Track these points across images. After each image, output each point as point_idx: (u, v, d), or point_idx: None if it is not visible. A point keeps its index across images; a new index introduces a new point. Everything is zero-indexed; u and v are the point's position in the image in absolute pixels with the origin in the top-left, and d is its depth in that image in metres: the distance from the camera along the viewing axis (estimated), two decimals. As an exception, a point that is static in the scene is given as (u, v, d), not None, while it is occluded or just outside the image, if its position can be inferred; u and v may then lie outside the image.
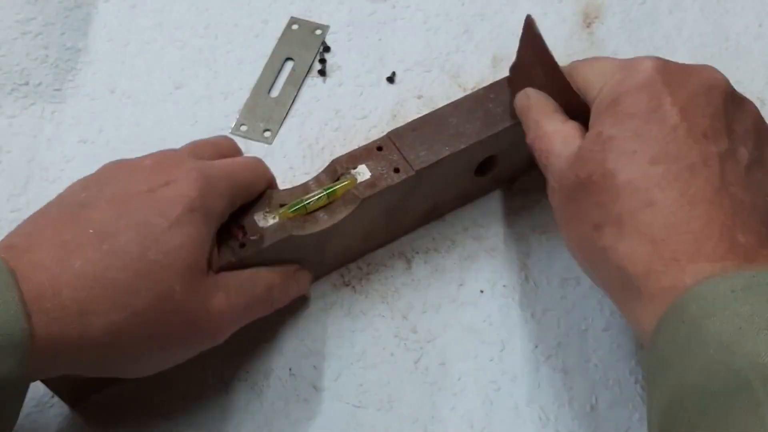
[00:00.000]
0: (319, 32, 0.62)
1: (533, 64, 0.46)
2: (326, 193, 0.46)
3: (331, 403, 0.47)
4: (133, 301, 0.38)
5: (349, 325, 0.49)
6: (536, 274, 0.51)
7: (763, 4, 0.63)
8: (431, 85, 0.60)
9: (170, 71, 0.60)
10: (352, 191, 0.46)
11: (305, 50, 0.61)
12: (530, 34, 0.46)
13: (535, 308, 0.50)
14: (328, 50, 0.61)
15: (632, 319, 0.38)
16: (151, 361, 0.41)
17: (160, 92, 0.59)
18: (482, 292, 0.51)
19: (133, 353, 0.40)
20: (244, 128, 0.58)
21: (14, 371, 0.35)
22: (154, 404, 0.46)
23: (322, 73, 0.60)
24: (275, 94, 0.59)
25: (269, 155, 0.56)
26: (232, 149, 0.48)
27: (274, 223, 0.45)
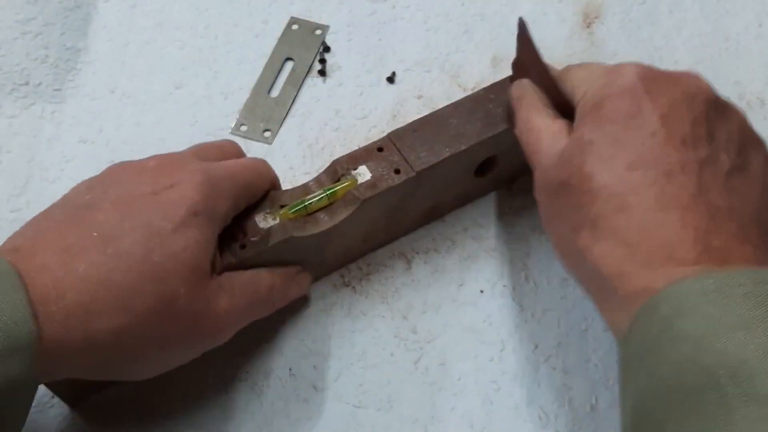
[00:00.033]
0: (319, 32, 0.62)
1: (527, 65, 0.47)
2: (327, 194, 0.46)
3: (331, 403, 0.47)
4: (137, 303, 0.38)
5: (349, 325, 0.49)
6: (536, 274, 0.51)
7: (763, 4, 0.63)
8: (431, 85, 0.60)
9: (170, 71, 0.60)
10: (352, 192, 0.46)
11: (305, 50, 0.61)
12: (523, 36, 0.46)
13: (535, 308, 0.50)
14: (328, 50, 0.61)
15: (609, 318, 0.39)
16: (154, 363, 0.41)
17: (160, 92, 0.59)
18: (482, 292, 0.51)
19: (137, 356, 0.40)
20: (244, 128, 0.58)
21: (23, 373, 0.35)
22: (154, 404, 0.46)
23: (322, 73, 0.60)
24: (275, 94, 0.59)
25: (269, 155, 0.56)
26: (235, 152, 0.48)
27: (274, 224, 0.45)
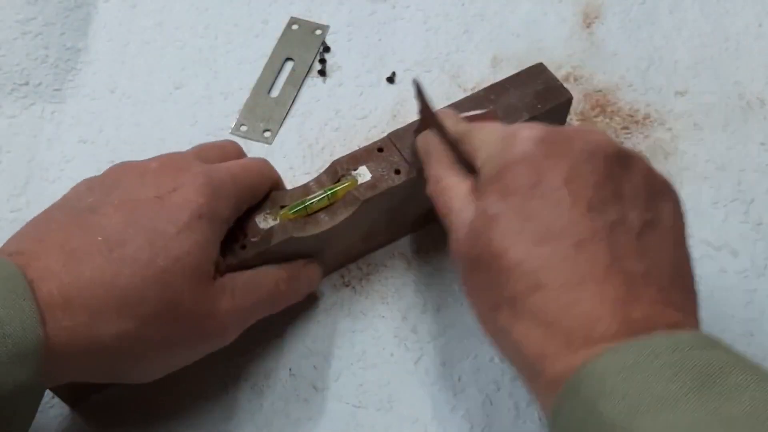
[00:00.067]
0: (319, 32, 0.62)
1: (430, 123, 0.45)
2: (327, 194, 0.46)
3: (331, 403, 0.47)
4: (142, 308, 0.38)
5: (349, 325, 0.49)
6: (536, 274, 0.51)
7: (763, 4, 0.63)
8: (431, 85, 0.60)
9: (170, 71, 0.60)
10: (352, 192, 0.46)
11: (305, 50, 0.61)
12: (420, 97, 0.44)
13: (535, 308, 0.50)
14: (328, 50, 0.61)
15: (539, 400, 0.37)
16: (159, 365, 0.41)
17: (160, 92, 0.59)
18: (482, 292, 0.51)
19: (142, 359, 0.40)
20: (244, 128, 0.58)
21: (30, 378, 0.35)
22: (154, 404, 0.46)
23: (322, 73, 0.60)
24: (275, 94, 0.59)
25: (269, 155, 0.56)
26: (236, 152, 0.48)
27: (274, 224, 0.45)
